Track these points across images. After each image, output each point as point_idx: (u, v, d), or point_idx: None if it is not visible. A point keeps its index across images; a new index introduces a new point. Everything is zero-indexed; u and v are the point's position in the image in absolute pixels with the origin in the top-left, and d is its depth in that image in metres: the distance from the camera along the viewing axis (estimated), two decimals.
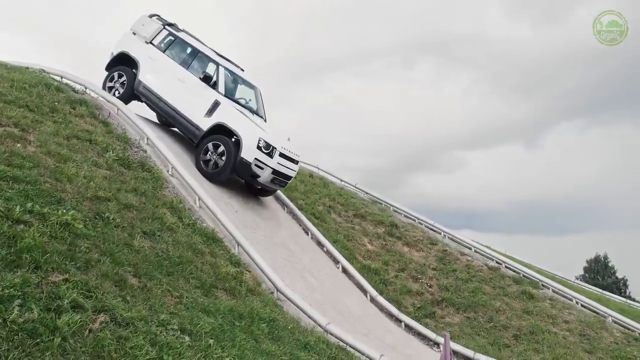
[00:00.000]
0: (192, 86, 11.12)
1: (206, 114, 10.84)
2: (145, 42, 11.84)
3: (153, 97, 11.48)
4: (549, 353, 10.50)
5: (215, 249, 7.64)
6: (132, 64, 11.87)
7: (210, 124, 10.72)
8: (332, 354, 6.39)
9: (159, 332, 4.45)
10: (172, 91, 11.26)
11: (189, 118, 11.01)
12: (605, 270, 52.45)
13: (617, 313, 12.78)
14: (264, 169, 10.51)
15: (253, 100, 12.18)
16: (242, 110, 11.10)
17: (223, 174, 10.60)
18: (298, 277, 9.41)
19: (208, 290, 6.31)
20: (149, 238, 6.62)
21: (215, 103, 10.88)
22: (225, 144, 10.54)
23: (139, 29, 12.04)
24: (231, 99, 11.25)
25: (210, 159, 10.63)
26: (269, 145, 10.46)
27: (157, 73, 11.54)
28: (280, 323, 6.47)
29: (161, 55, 11.69)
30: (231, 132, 10.55)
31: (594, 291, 18.06)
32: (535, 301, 12.30)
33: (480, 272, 13.20)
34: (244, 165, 10.40)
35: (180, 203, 8.38)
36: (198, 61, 11.65)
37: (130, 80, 11.75)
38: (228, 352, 4.73)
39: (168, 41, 11.88)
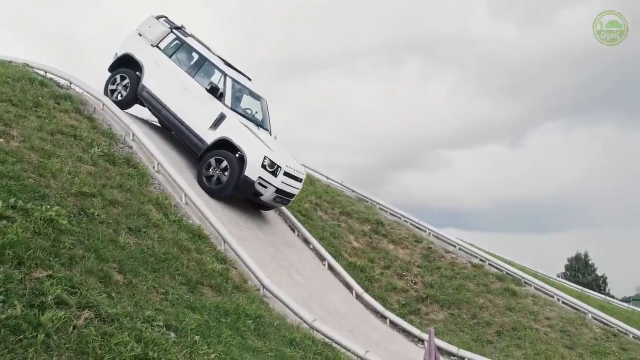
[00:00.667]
0: (197, 96, 10.71)
1: (211, 127, 10.45)
2: (151, 45, 11.37)
3: (156, 104, 11.04)
4: (530, 349, 10.65)
5: (201, 246, 7.63)
6: (136, 67, 11.43)
7: (214, 137, 10.34)
8: (318, 350, 6.43)
9: (144, 328, 4.43)
10: (177, 100, 10.84)
11: (192, 129, 10.60)
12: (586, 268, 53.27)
13: (596, 310, 12.99)
14: (267, 188, 10.18)
15: (259, 112, 11.75)
16: (247, 124, 10.68)
17: (225, 190, 10.21)
18: (284, 274, 9.43)
19: (194, 287, 6.30)
20: (135, 234, 6.59)
21: (221, 116, 10.49)
22: (229, 160, 10.16)
23: (145, 31, 11.56)
24: (237, 111, 10.82)
25: (213, 175, 10.25)
26: (273, 164, 10.11)
27: (162, 79, 11.09)
28: (266, 320, 6.49)
29: (167, 61, 11.21)
30: (235, 147, 10.19)
31: (574, 288, 18.33)
32: (517, 298, 12.46)
33: (464, 269, 13.33)
34: (247, 184, 10.07)
35: (166, 199, 8.34)
36: (205, 70, 11.21)
37: (133, 84, 11.30)
38: (214, 349, 4.74)
39: (175, 46, 11.42)
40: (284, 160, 10.52)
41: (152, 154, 9.52)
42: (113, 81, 11.56)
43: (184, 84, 10.88)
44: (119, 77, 11.53)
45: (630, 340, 11.98)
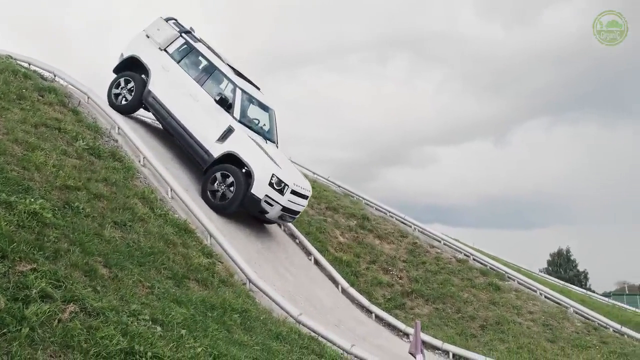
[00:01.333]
0: (205, 106, 10.36)
1: (218, 140, 10.13)
2: (158, 48, 10.98)
3: (162, 111, 10.67)
4: (513, 342, 10.79)
5: (187, 240, 7.61)
6: (142, 70, 11.05)
7: (221, 151, 10.01)
8: (305, 344, 6.45)
9: (130, 322, 4.41)
10: (184, 108, 10.48)
11: (199, 141, 10.25)
12: (568, 263, 54.08)
13: (578, 304, 13.22)
14: (274, 206, 9.86)
15: (267, 123, 11.38)
16: (255, 139, 10.32)
17: (230, 207, 9.87)
18: (270, 268, 9.44)
19: (180, 281, 6.29)
20: (120, 228, 6.56)
21: (229, 129, 10.15)
22: (235, 176, 9.81)
23: (153, 33, 11.14)
24: (245, 124, 10.46)
25: (218, 190, 9.91)
26: (281, 182, 9.80)
27: (169, 85, 10.71)
28: (252, 314, 6.50)
29: (175, 66, 10.83)
30: (243, 163, 9.86)
31: (556, 283, 18.61)
32: (501, 292, 12.62)
33: (449, 264, 13.46)
34: (254, 201, 9.75)
35: (152, 193, 8.31)
36: (214, 79, 10.84)
37: (139, 88, 10.93)
38: (200, 342, 4.73)
39: (183, 51, 11.02)
40: (292, 177, 10.23)
41: (138, 147, 9.46)
42: (117, 84, 11.17)
43: (192, 92, 10.52)
44: (123, 81, 11.14)
45: (610, 333, 12.21)
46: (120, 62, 11.35)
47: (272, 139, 11.24)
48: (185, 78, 10.71)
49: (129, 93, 11.04)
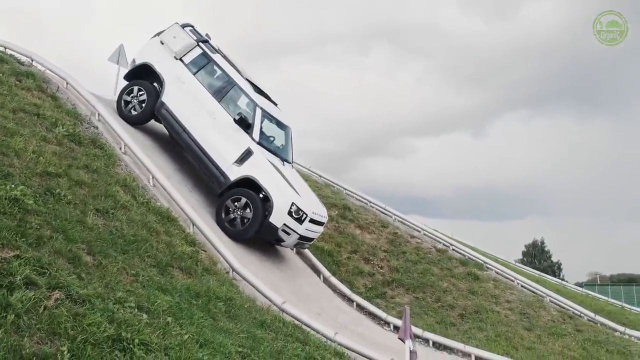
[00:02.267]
0: (223, 125, 9.85)
1: (236, 162, 9.64)
2: (174, 57, 10.44)
3: (176, 125, 10.12)
4: (492, 331, 11.02)
5: (170, 228, 7.56)
6: (155, 79, 10.53)
7: (239, 175, 9.52)
8: (289, 332, 6.47)
9: (116, 309, 4.37)
10: (199, 125, 9.94)
11: (215, 161, 9.74)
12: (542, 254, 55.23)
13: (553, 293, 13.54)
14: (291, 235, 9.49)
15: (283, 142, 10.89)
16: (274, 162, 9.84)
17: (246, 234, 9.41)
18: (253, 257, 9.43)
19: (164, 269, 6.25)
20: (102, 216, 6.48)
21: (248, 151, 9.66)
22: (253, 203, 9.32)
23: (168, 40, 10.57)
24: (264, 145, 9.96)
25: (234, 216, 9.42)
26: (300, 210, 9.38)
27: (184, 98, 10.17)
28: (236, 302, 6.50)
29: (191, 78, 10.28)
30: (261, 189, 9.42)
31: (532, 273, 19.00)
32: (480, 282, 12.83)
33: (429, 254, 13.62)
34: (271, 230, 9.34)
35: (134, 181, 8.22)
36: (232, 95, 10.30)
37: (151, 99, 10.42)
38: (187, 330, 4.72)
39: (200, 62, 10.48)
40: (310, 205, 9.83)
41: (119, 134, 9.33)
42: (129, 92, 10.66)
43: (209, 109, 10.00)
44: (135, 89, 10.63)
45: (585, 322, 12.54)
46: (132, 70, 10.83)
47: (288, 158, 10.80)
48: (201, 92, 10.17)
49: (140, 103, 10.54)
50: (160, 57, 10.53)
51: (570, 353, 10.88)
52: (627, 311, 16.61)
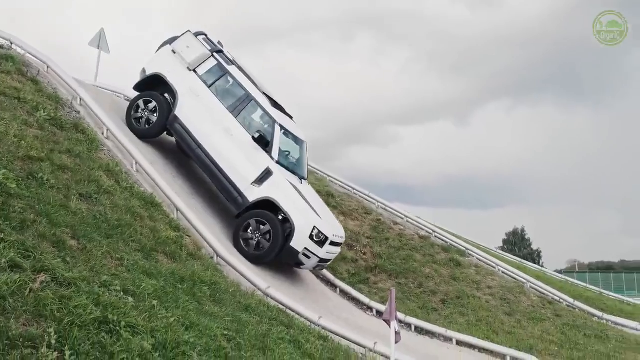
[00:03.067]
0: (240, 143, 9.48)
1: (254, 182, 9.30)
2: (187, 68, 9.99)
3: (190, 141, 9.72)
4: (473, 316, 11.22)
5: (154, 214, 7.53)
6: (167, 90, 10.11)
7: (258, 196, 9.19)
8: (273, 316, 6.54)
9: (102, 292, 4.37)
10: (215, 142, 9.56)
11: (232, 181, 9.39)
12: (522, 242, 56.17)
13: (534, 279, 13.80)
14: (311, 258, 9.23)
15: (298, 157, 10.52)
16: (292, 182, 9.55)
17: (267, 258, 9.09)
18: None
19: (148, 254, 6.25)
20: (86, 200, 6.43)
21: (267, 172, 9.31)
22: (273, 226, 9.01)
23: (181, 50, 10.09)
24: (283, 164, 9.64)
25: (253, 238, 9.11)
26: (321, 234, 9.11)
27: (199, 113, 9.75)
28: (221, 286, 6.54)
29: (205, 91, 9.86)
30: (281, 211, 9.13)
31: (513, 260, 19.33)
32: (461, 268, 13.03)
33: (411, 240, 13.77)
34: (291, 254, 9.09)
35: (117, 166, 8.15)
36: (250, 110, 9.93)
37: (163, 112, 9.94)
38: (172, 313, 4.74)
39: (215, 74, 10.04)
40: (330, 226, 9.57)
41: (101, 119, 9.23)
42: (139, 104, 10.24)
43: (225, 125, 9.61)
44: (144, 102, 10.21)
45: (563, 307, 12.83)
46: (142, 80, 10.35)
47: (304, 175, 10.52)
48: (217, 106, 9.77)
49: (151, 116, 10.11)
50: (173, 67, 10.08)
51: (549, 337, 11.15)
52: (605, 297, 17.00)
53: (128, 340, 3.86)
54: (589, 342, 11.21)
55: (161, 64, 10.21)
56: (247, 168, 9.39)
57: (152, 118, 10.10)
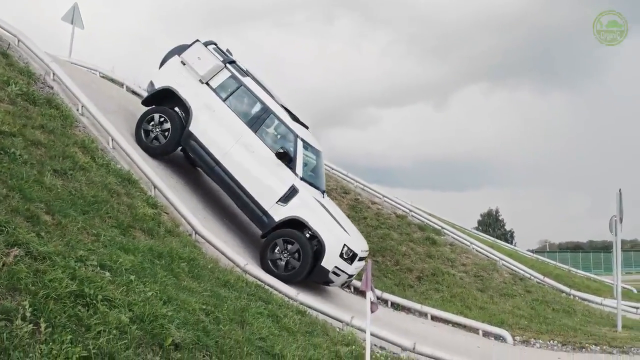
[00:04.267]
0: (262, 160, 9.09)
1: (280, 201, 8.94)
2: (199, 80, 9.48)
3: (207, 158, 9.25)
4: (447, 292, 11.49)
5: (131, 190, 7.47)
6: (178, 104, 9.58)
7: (285, 215, 8.84)
8: (252, 291, 6.58)
9: (77, 267, 4.35)
10: (236, 159, 9.11)
11: (256, 200, 9.01)
12: (496, 223, 57.26)
13: (506, 257, 14.15)
14: (340, 276, 9.01)
15: (318, 169, 10.14)
16: (318, 199, 9.28)
17: (297, 278, 8.68)
18: (216, 221, 9.45)
19: (125, 230, 6.21)
20: (61, 176, 6.35)
21: (293, 189, 8.95)
22: (302, 246, 8.70)
23: (192, 62, 9.55)
24: (307, 180, 9.29)
25: (281, 258, 8.79)
26: (350, 251, 8.89)
27: (216, 129, 9.27)
28: (200, 262, 6.54)
29: (221, 105, 9.36)
30: (310, 229, 8.83)
31: (487, 239, 19.72)
32: (437, 246, 13.28)
33: (388, 219, 13.95)
34: (322, 273, 8.81)
35: (93, 143, 8.03)
36: (269, 125, 9.52)
37: (176, 128, 9.42)
38: (150, 287, 4.74)
39: (230, 87, 9.55)
40: (358, 242, 9.36)
41: (76, 95, 9.05)
42: (149, 120, 9.65)
43: (245, 141, 9.16)
44: (157, 117, 9.61)
45: (534, 283, 13.21)
46: (151, 95, 9.87)
47: (324, 188, 10.23)
48: (235, 121, 9.30)
49: (163, 133, 9.56)
50: (184, 80, 9.58)
51: (519, 312, 11.50)
52: (573, 274, 17.55)
53: (105, 313, 3.86)
54: (557, 316, 11.60)
55: (171, 76, 9.69)
56: (271, 186, 9.03)
57: (165, 134, 9.56)
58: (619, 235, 12.02)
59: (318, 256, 8.77)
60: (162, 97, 9.74)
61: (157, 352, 3.86)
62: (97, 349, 3.44)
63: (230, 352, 4.46)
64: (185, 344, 4.11)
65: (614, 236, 12.03)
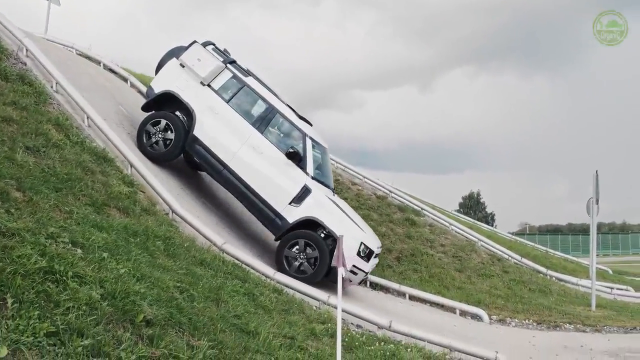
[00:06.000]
0: (272, 160, 8.92)
1: (293, 202, 8.80)
2: (200, 83, 9.24)
3: (214, 163, 9.05)
4: (426, 272, 11.62)
5: (106, 169, 7.37)
6: (180, 108, 9.35)
7: (299, 216, 8.69)
8: (228, 270, 6.57)
9: (48, 244, 4.29)
10: (244, 162, 8.92)
11: (268, 202, 8.85)
12: (477, 205, 58.04)
13: (485, 238, 14.33)
14: (358, 275, 8.95)
15: (325, 166, 9.99)
16: (331, 198, 9.19)
17: (315, 279, 8.52)
18: (195, 201, 9.40)
19: (100, 208, 6.13)
20: (33, 154, 6.23)
21: (305, 190, 8.81)
22: (320, 248, 8.56)
23: (192, 64, 9.29)
24: (318, 179, 9.17)
25: (297, 259, 8.66)
26: (367, 248, 8.83)
27: (221, 132, 9.07)
28: (176, 241, 6.50)
29: (224, 107, 9.15)
30: (325, 229, 8.69)
31: (467, 220, 19.95)
32: (416, 227, 13.39)
33: (369, 200, 14.01)
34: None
35: (67, 120, 7.89)
36: (275, 124, 9.34)
37: (179, 134, 9.15)
38: (123, 265, 4.70)
39: (232, 87, 9.34)
40: (372, 239, 9.31)
41: (50, 72, 8.87)
42: (152, 125, 9.36)
43: (252, 142, 8.97)
44: (155, 123, 9.35)
45: (511, 264, 13.42)
46: (151, 100, 9.56)
47: (332, 185, 10.11)
48: (240, 123, 9.12)
49: (166, 138, 9.29)
50: (184, 83, 9.33)
51: (496, 292, 11.70)
52: (550, 255, 17.88)
53: (75, 290, 3.81)
54: (533, 296, 11.82)
55: (171, 80, 9.42)
56: (283, 187, 8.87)
57: (168, 140, 9.28)
58: (595, 216, 12.24)
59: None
60: (161, 102, 9.48)
61: (128, 328, 3.84)
62: (65, 325, 3.40)
63: (203, 329, 4.46)
64: (158, 321, 4.09)
65: (591, 218, 12.25)
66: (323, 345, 5.54)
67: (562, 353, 8.15)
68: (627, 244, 51.95)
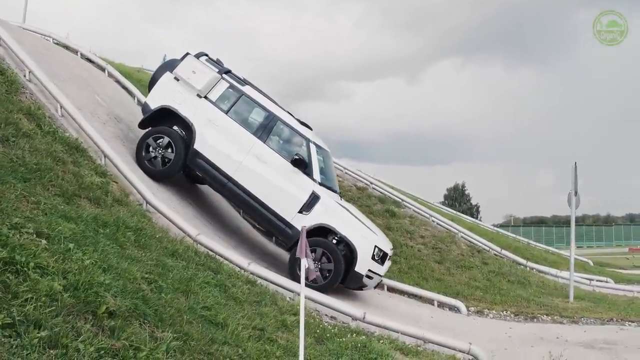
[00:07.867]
0: (277, 169, 8.71)
1: (302, 210, 8.60)
2: (197, 95, 9.03)
3: (218, 176, 8.84)
4: (405, 264, 11.67)
5: (78, 159, 7.27)
6: (178, 122, 9.14)
7: (310, 224, 8.31)
8: (201, 261, 6.53)
9: (11, 234, 4.22)
10: (249, 172, 8.71)
11: (276, 212, 8.65)
12: (462, 197, 58.38)
13: (466, 230, 14.41)
14: (373, 279, 8.80)
15: (329, 170, 9.81)
16: (340, 203, 9.07)
17: (330, 287, 8.36)
18: (171, 192, 9.30)
19: (70, 199, 6.05)
20: (2, 143, 6.13)
21: (314, 196, 8.61)
22: (334, 255, 8.39)
23: (187, 77, 9.06)
24: (325, 185, 8.99)
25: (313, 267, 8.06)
26: (381, 251, 8.67)
27: (223, 144, 8.87)
28: (148, 232, 6.45)
29: (224, 118, 8.94)
30: (338, 235, 8.55)
31: (449, 212, 20.05)
32: (396, 218, 13.44)
33: (349, 191, 14.02)
34: (356, 278, 8.52)
35: (39, 109, 7.77)
36: (277, 132, 9.15)
37: (180, 149, 8.93)
38: (89, 256, 4.63)
39: (230, 97, 9.15)
40: (385, 242, 9.16)
41: (23, 61, 8.72)
42: (148, 144, 9.10)
43: (255, 152, 8.76)
44: (156, 140, 9.09)
45: (491, 255, 13.52)
46: (148, 116, 9.26)
47: (338, 189, 9.94)
48: (241, 133, 8.92)
49: (165, 156, 9.04)
50: (181, 97, 9.10)
51: (475, 283, 11.79)
52: (532, 247, 18.05)
53: (36, 281, 3.76)
54: (511, 287, 11.93)
55: (167, 94, 9.19)
56: (291, 195, 8.67)
57: (169, 156, 9.03)
58: (574, 208, 12.35)
59: (348, 262, 8.51)
60: (160, 119, 9.26)
61: (89, 319, 3.79)
62: (22, 316, 3.35)
63: (169, 321, 4.42)
64: (121, 312, 4.05)
65: (571, 209, 12.36)
66: (294, 336, 5.54)
67: (538, 344, 8.22)
68: (610, 236, 52.70)
